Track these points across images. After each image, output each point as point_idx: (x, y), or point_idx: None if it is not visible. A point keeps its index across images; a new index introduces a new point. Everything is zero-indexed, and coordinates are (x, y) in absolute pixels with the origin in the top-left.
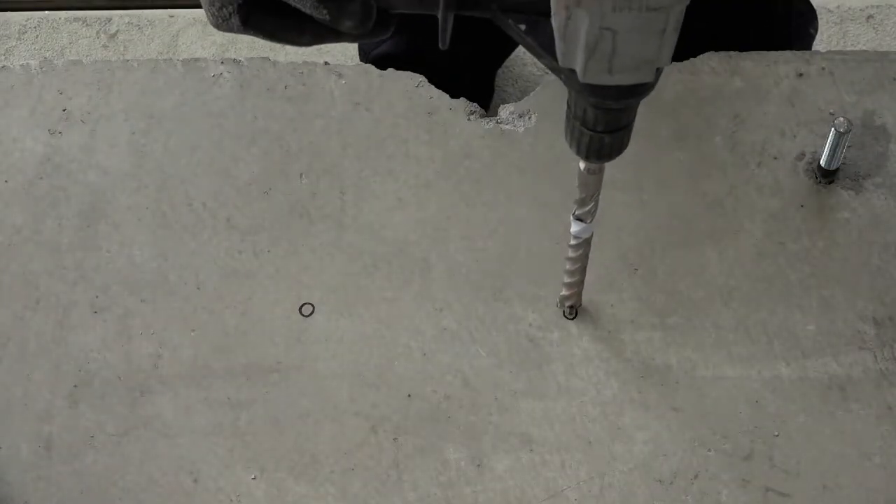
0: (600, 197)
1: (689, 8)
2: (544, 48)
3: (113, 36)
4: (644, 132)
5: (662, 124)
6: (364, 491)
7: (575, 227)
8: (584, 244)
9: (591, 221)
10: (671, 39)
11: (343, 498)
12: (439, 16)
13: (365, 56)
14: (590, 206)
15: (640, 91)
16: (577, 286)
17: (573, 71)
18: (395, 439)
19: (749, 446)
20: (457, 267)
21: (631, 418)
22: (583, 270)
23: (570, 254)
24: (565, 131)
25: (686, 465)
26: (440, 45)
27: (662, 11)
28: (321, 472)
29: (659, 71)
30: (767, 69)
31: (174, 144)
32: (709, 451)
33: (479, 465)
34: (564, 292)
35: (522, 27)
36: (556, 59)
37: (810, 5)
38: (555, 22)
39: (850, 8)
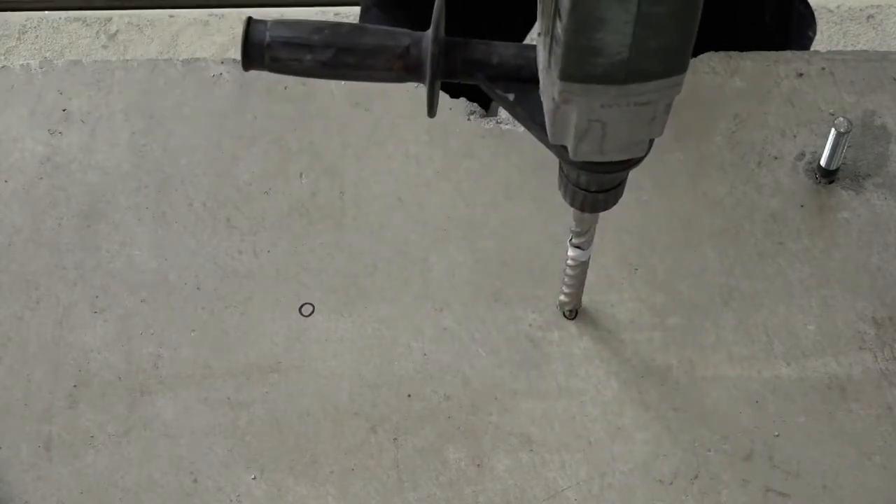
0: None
1: None
2: (533, 119)
3: (113, 36)
4: None
5: None
6: (364, 491)
7: (572, 252)
8: (582, 264)
9: (587, 248)
10: (662, 120)
11: (343, 498)
12: (426, 84)
13: None
14: (586, 237)
15: (632, 164)
16: (576, 295)
17: (564, 147)
18: (395, 439)
19: (749, 446)
20: (457, 267)
21: (631, 418)
22: (581, 283)
23: (569, 272)
24: (559, 185)
25: (686, 465)
26: (429, 114)
27: (651, 105)
28: (321, 472)
29: (651, 142)
30: (767, 69)
31: (174, 144)
32: (709, 451)
33: (479, 465)
34: (563, 298)
35: (511, 96)
36: (545, 132)
37: (809, 8)
38: (545, 104)
39: (850, 8)
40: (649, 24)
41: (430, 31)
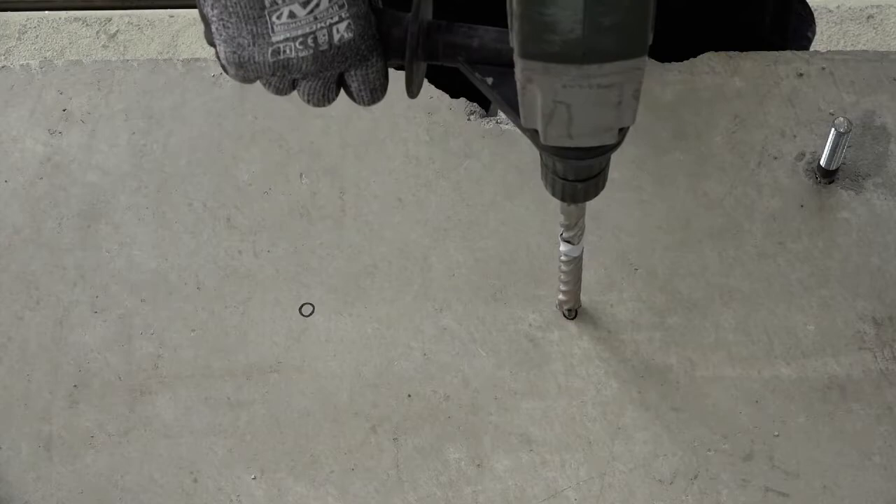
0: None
1: (688, 8)
2: (510, 104)
3: (113, 36)
4: (644, 132)
5: (662, 124)
6: (364, 491)
7: (564, 248)
8: (576, 260)
9: (578, 243)
10: (630, 106)
11: (343, 498)
12: (405, 65)
13: None
14: (575, 231)
15: (603, 151)
16: (574, 293)
17: (536, 131)
18: (395, 439)
19: (749, 446)
20: (457, 267)
21: (631, 418)
22: (577, 280)
23: (563, 268)
24: (541, 174)
25: (686, 465)
26: (408, 94)
27: (614, 88)
28: (321, 472)
29: (623, 131)
30: (767, 69)
31: (174, 144)
32: (709, 451)
33: (479, 465)
34: (561, 297)
35: (489, 80)
36: (519, 116)
37: (808, 9)
38: (517, 87)
39: (850, 8)
40: (599, 0)
41: (411, 12)
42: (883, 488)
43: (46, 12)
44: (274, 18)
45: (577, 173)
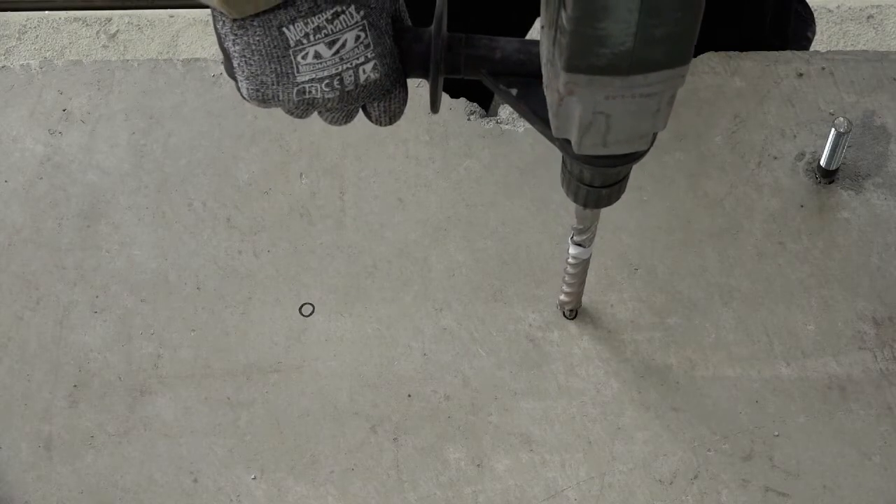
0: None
1: None
2: (536, 113)
3: (113, 36)
4: None
5: None
6: (364, 491)
7: (574, 250)
8: (584, 262)
9: (589, 246)
10: (666, 112)
11: (343, 498)
12: (429, 80)
13: None
14: (588, 235)
15: (635, 158)
16: (577, 294)
17: (568, 140)
18: (395, 439)
19: (749, 446)
20: (457, 267)
21: (631, 418)
22: (582, 282)
23: (570, 270)
24: (562, 181)
25: (686, 465)
26: (432, 110)
27: (655, 97)
28: (321, 472)
29: (655, 136)
30: (767, 69)
31: (174, 144)
32: (709, 451)
33: (479, 465)
34: (564, 298)
35: (514, 91)
36: (548, 126)
37: (808, 9)
38: (548, 98)
39: (850, 8)
40: (654, 13)
41: (432, 27)
42: (883, 488)
43: (46, 12)
44: (299, 58)
45: (604, 179)
